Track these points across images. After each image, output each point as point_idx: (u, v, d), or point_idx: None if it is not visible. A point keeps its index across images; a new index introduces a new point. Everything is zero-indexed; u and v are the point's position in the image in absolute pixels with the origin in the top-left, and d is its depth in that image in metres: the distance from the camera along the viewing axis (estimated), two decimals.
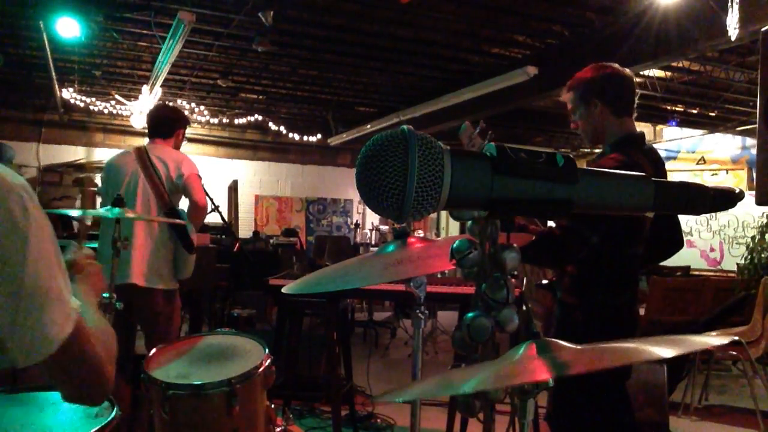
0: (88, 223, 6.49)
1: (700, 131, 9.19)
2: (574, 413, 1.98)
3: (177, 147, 3.51)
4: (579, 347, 0.80)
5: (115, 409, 1.38)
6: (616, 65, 2.08)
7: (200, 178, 3.37)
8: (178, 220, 3.11)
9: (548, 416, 2.05)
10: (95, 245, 3.39)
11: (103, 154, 9.40)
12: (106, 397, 1.07)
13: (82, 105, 8.46)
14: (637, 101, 2.11)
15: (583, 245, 1.85)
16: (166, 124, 3.47)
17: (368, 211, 9.99)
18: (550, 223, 1.95)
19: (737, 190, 0.88)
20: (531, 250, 1.82)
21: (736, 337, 4.39)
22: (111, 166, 3.43)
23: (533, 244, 1.80)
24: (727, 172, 9.54)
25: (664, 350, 0.79)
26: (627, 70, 2.09)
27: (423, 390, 0.85)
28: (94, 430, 1.29)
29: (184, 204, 3.41)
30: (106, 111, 8.75)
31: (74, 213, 5.47)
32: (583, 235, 1.85)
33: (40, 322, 0.88)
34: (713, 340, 1.45)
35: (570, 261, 1.98)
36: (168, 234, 3.23)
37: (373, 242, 8.96)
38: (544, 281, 2.13)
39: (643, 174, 0.85)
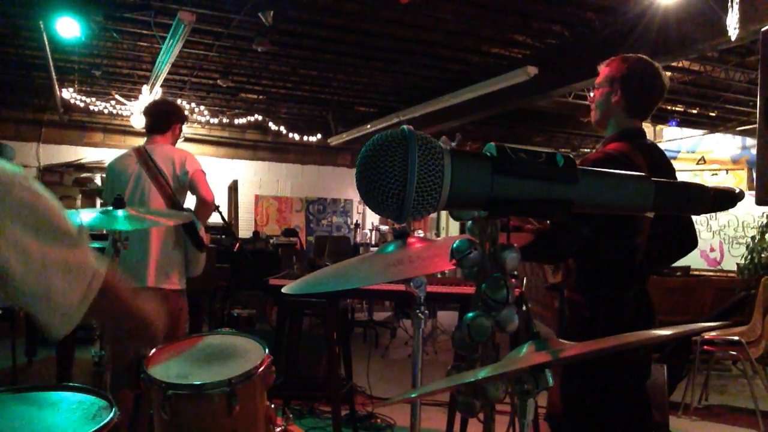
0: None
1: (700, 131, 9.19)
2: (588, 415, 1.96)
3: (173, 143, 3.46)
4: (577, 343, 0.80)
5: (114, 409, 1.38)
6: (659, 68, 2.07)
7: (205, 173, 3.35)
8: (184, 218, 3.03)
9: (548, 416, 2.04)
10: (101, 245, 3.37)
11: (103, 154, 9.40)
12: (157, 340, 1.17)
13: (82, 105, 8.46)
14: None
15: (575, 239, 1.86)
16: (162, 119, 3.41)
17: (368, 211, 9.98)
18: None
19: (737, 190, 0.88)
20: (528, 248, 1.84)
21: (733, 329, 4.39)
22: (113, 170, 3.38)
23: (531, 242, 1.82)
24: (727, 172, 9.53)
25: (661, 332, 0.79)
26: (665, 77, 2.08)
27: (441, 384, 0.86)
28: (92, 430, 1.28)
29: (188, 201, 3.38)
30: (106, 111, 8.75)
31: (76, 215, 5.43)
32: (574, 228, 1.85)
33: (58, 294, 0.92)
34: (711, 324, 1.45)
35: (565, 255, 1.99)
36: (180, 234, 3.21)
37: (373, 242, 8.95)
38: (552, 282, 2.14)
39: (643, 174, 0.85)
